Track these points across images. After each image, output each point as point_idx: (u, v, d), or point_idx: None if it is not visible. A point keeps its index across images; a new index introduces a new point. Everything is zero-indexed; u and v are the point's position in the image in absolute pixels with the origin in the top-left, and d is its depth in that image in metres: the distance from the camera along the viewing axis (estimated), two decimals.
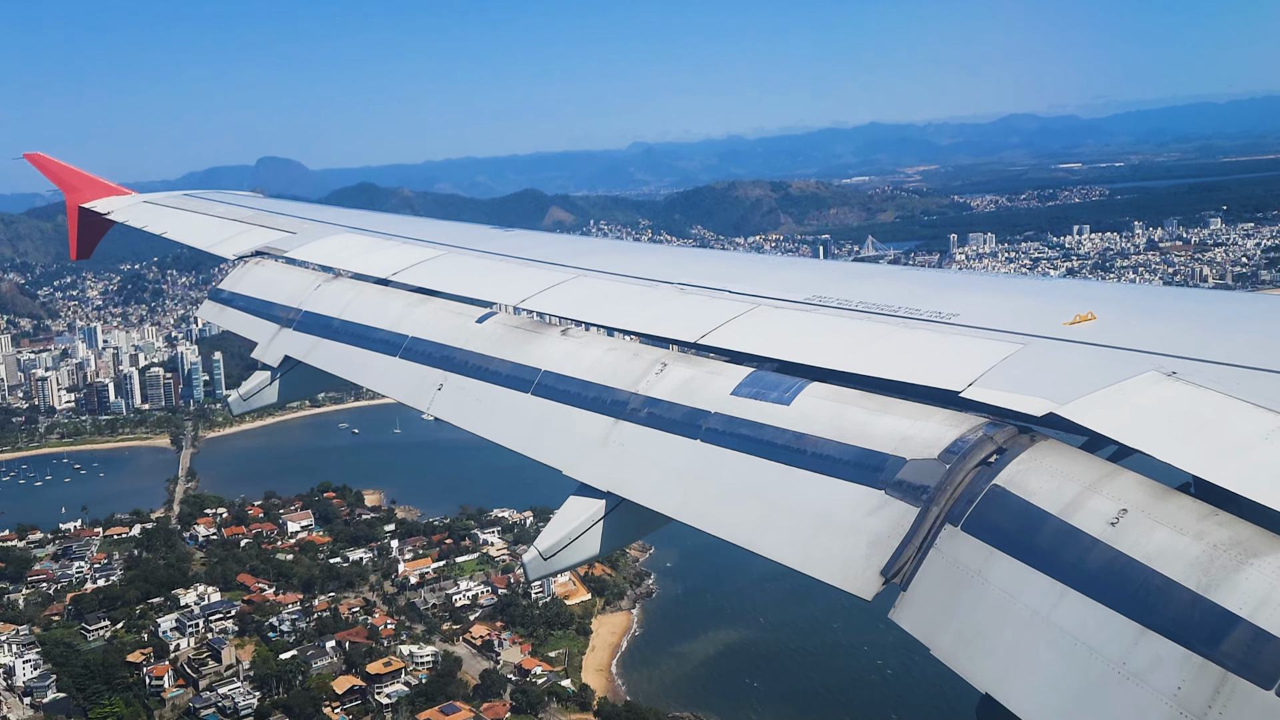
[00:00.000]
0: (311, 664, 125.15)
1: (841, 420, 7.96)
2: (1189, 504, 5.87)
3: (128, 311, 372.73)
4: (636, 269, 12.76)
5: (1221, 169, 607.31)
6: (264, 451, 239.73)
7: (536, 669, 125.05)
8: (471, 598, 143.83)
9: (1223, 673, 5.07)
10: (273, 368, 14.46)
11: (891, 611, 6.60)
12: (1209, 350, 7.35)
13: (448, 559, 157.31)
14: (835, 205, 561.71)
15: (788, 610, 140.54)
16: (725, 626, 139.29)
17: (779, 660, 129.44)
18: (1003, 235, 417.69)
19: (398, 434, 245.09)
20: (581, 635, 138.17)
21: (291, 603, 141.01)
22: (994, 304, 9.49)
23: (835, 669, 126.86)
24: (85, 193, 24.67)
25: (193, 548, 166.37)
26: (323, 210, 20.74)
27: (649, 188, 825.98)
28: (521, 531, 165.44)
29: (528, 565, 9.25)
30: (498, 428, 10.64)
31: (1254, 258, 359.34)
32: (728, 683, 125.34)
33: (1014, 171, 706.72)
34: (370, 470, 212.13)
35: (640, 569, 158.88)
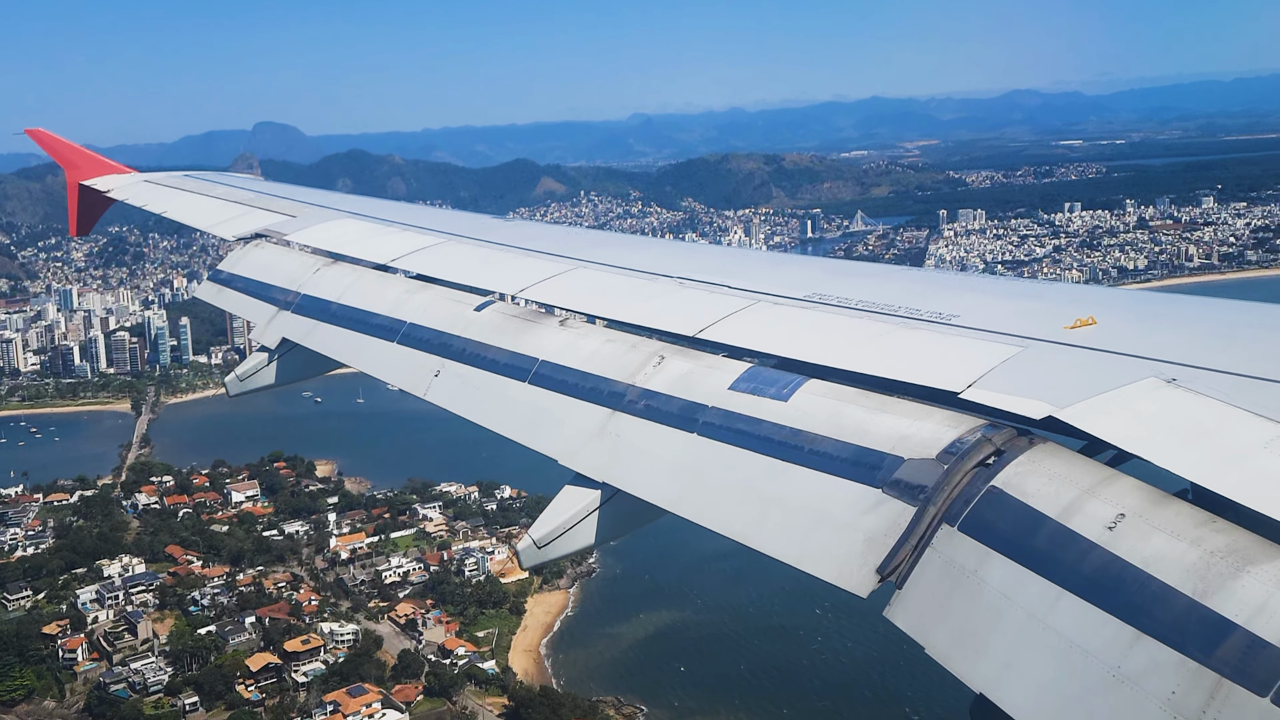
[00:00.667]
0: (229, 640, 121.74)
1: (839, 418, 7.94)
2: (1187, 510, 5.89)
3: (108, 274, 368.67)
4: (636, 262, 12.74)
5: (1221, 147, 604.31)
6: (224, 419, 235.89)
7: (459, 649, 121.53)
8: (402, 575, 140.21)
9: (1218, 679, 5.09)
10: (270, 349, 14.45)
11: (886, 609, 6.62)
12: (1210, 358, 7.34)
13: (383, 534, 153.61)
14: (829, 179, 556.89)
15: (729, 592, 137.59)
16: (662, 608, 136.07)
17: (711, 643, 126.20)
18: (996, 211, 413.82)
19: (360, 404, 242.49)
20: (515, 615, 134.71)
21: (217, 576, 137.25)
22: (995, 306, 9.48)
23: (766, 653, 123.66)
24: (85, 170, 24.78)
25: (130, 517, 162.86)
26: (323, 195, 20.87)
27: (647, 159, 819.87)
28: (463, 507, 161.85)
29: (521, 554, 9.24)
30: (494, 416, 10.63)
31: (1242, 237, 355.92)
32: (656, 666, 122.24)
33: (1014, 148, 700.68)
34: (327, 440, 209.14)
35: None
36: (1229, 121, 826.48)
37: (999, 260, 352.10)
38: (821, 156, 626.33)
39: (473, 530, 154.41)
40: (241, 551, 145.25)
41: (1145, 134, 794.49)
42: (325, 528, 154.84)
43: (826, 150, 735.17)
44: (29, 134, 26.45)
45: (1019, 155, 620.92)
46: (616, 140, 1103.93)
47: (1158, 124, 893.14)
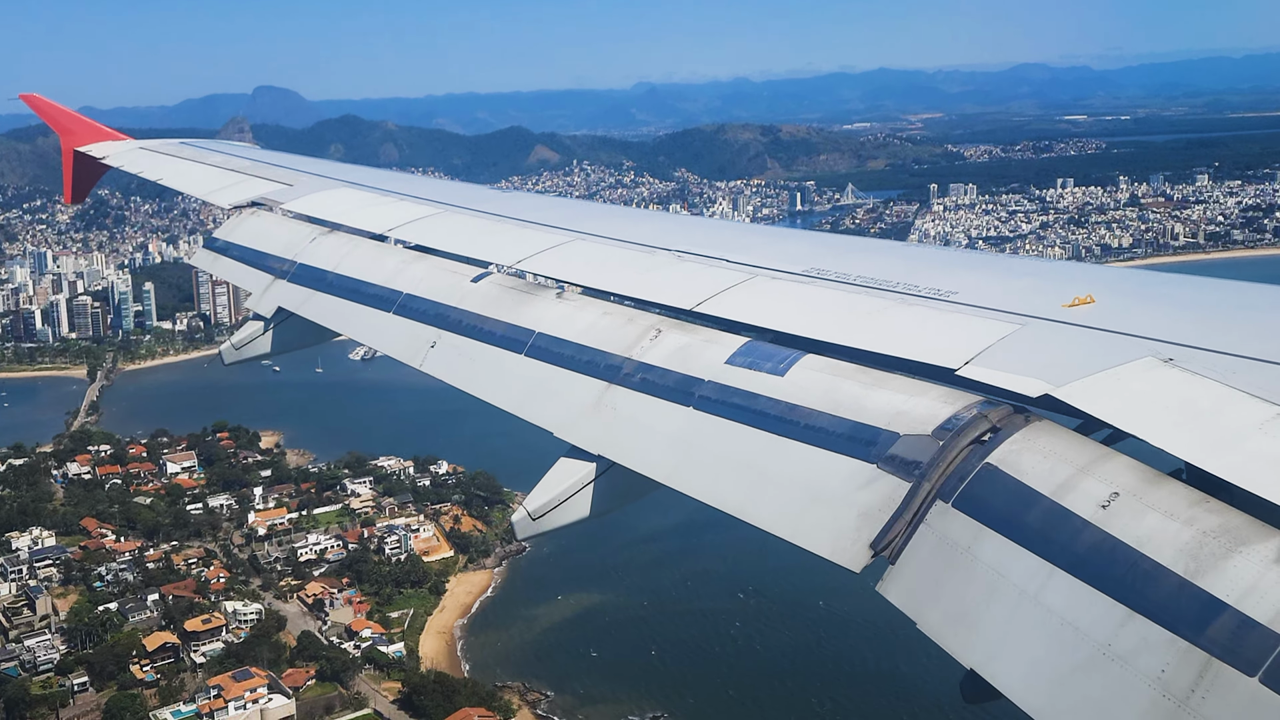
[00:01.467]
0: (129, 617, 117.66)
1: (835, 393, 7.98)
2: (1181, 490, 5.92)
3: (88, 238, 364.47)
4: (634, 235, 12.67)
5: (1226, 124, 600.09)
6: (178, 386, 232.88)
7: (365, 631, 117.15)
8: (319, 552, 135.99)
9: (1207, 658, 5.15)
10: (266, 318, 14.44)
11: (879, 585, 6.66)
12: (1207, 338, 7.35)
13: (306, 510, 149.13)
14: (826, 151, 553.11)
15: (656, 574, 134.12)
16: (585, 589, 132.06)
17: (627, 627, 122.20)
18: (989, 186, 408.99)
19: (319, 373, 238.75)
20: (434, 595, 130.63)
21: (128, 551, 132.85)
22: (993, 284, 9.46)
23: (681, 637, 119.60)
24: (81, 136, 24.48)
25: (59, 487, 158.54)
26: (319, 163, 20.83)
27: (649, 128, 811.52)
28: (394, 482, 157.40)
29: (516, 525, 9.33)
30: (490, 388, 10.68)
31: (1231, 216, 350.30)
32: (568, 650, 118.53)
33: (1017, 122, 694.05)
34: (279, 410, 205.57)
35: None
36: (1237, 98, 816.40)
37: (983, 236, 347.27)
38: (818, 128, 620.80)
39: (400, 507, 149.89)
40: (158, 525, 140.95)
41: (1151, 110, 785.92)
42: (251, 502, 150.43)
43: (831, 122, 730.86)
44: (24, 99, 26.32)
45: (1021, 130, 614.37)
46: (619, 109, 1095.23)
47: (1164, 100, 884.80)
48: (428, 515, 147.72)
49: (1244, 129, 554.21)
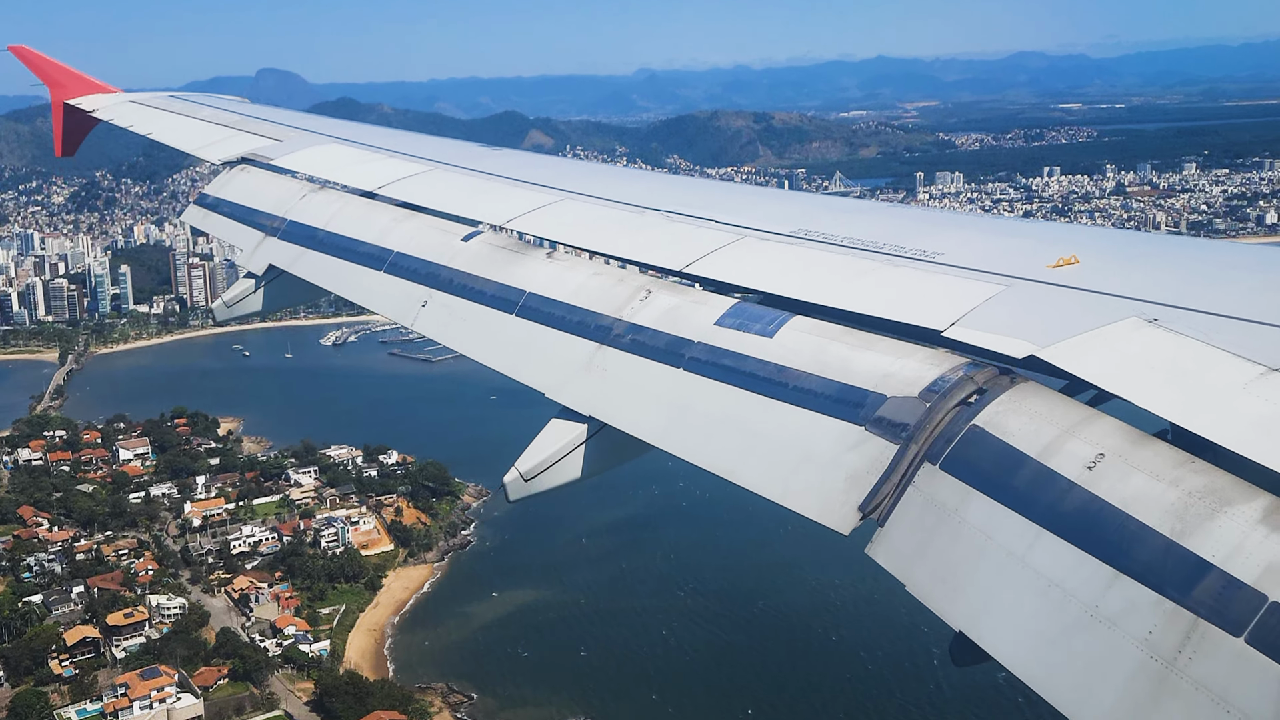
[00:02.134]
0: (52, 610, 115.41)
1: (823, 355, 8.03)
2: (1166, 451, 5.95)
3: (79, 220, 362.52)
4: (625, 195, 12.71)
5: (1220, 113, 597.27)
6: (147, 371, 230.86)
7: (289, 628, 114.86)
8: (252, 544, 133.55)
9: (1193, 618, 5.19)
10: (257, 276, 14.41)
11: (868, 547, 6.70)
12: (1191, 298, 7.34)
13: (247, 499, 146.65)
14: (818, 139, 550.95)
15: (601, 570, 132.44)
16: (527, 586, 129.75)
17: (560, 627, 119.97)
18: (976, 175, 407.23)
19: (289, 358, 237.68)
20: (370, 590, 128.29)
21: (61, 541, 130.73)
22: (979, 244, 9.46)
23: (613, 637, 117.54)
24: (70, 89, 24.32)
25: (6, 473, 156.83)
26: (310, 119, 20.64)
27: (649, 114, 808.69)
28: (339, 472, 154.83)
29: (508, 486, 9.27)
30: (481, 348, 10.77)
31: (1215, 205, 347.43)
32: (498, 649, 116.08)
33: (1012, 110, 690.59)
34: (245, 396, 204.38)
35: (468, 516, 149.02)
36: (1233, 86, 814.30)
37: None
38: (811, 116, 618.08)
39: (342, 498, 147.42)
40: (94, 515, 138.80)
41: (1146, 98, 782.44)
42: (192, 492, 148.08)
43: (828, 109, 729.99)
44: (12, 50, 25.66)
45: (1015, 118, 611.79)
46: (620, 95, 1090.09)
47: (1161, 88, 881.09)
48: (370, 507, 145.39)
49: (1237, 117, 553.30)
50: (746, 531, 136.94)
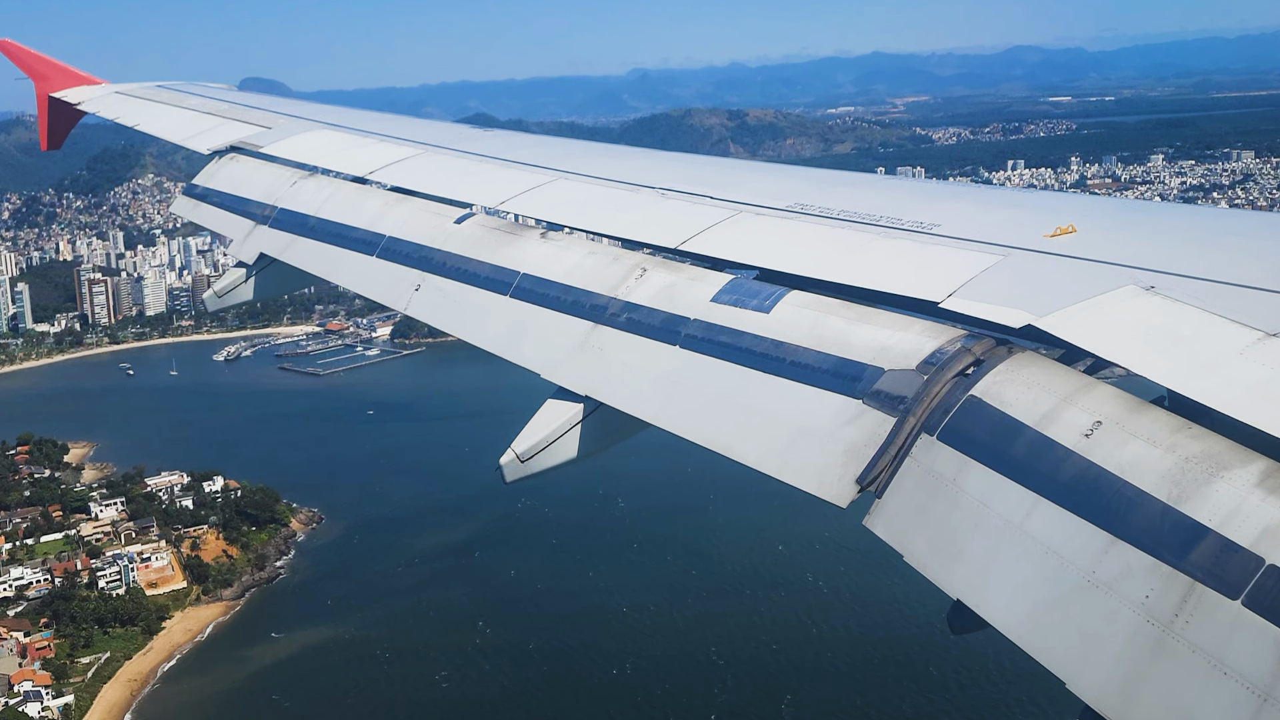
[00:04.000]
0: None
1: (820, 329, 8.03)
2: (1163, 417, 6.00)
3: (18, 236, 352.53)
4: (617, 173, 12.66)
5: (1206, 104, 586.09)
6: (31, 392, 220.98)
7: (25, 684, 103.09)
8: (19, 588, 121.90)
9: (1190, 582, 5.25)
10: (248, 265, 14.38)
11: (866, 519, 6.76)
12: (1188, 266, 7.36)
13: (35, 535, 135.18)
14: (792, 135, 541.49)
15: (406, 603, 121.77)
16: (321, 623, 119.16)
17: (340, 671, 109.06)
18: (944, 169, 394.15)
19: (174, 376, 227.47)
20: (146, 634, 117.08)
21: None
22: (975, 215, 9.43)
23: (387, 681, 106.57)
24: (56, 82, 24.22)
25: None
26: (298, 105, 20.61)
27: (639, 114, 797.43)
28: (146, 505, 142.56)
29: (505, 468, 9.20)
30: (476, 330, 10.77)
31: (1170, 197, 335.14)
32: (261, 700, 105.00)
33: (1001, 104, 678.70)
34: (105, 418, 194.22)
35: (288, 545, 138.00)
36: (1227, 78, 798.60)
37: None
38: (787, 112, 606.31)
39: (140, 531, 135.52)
40: None
41: (1138, 91, 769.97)
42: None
43: (820, 105, 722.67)
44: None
45: (1000, 111, 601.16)
46: (611, 96, 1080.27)
47: (1154, 80, 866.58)
48: (171, 541, 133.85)
49: (1221, 109, 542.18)
50: (577, 554, 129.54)
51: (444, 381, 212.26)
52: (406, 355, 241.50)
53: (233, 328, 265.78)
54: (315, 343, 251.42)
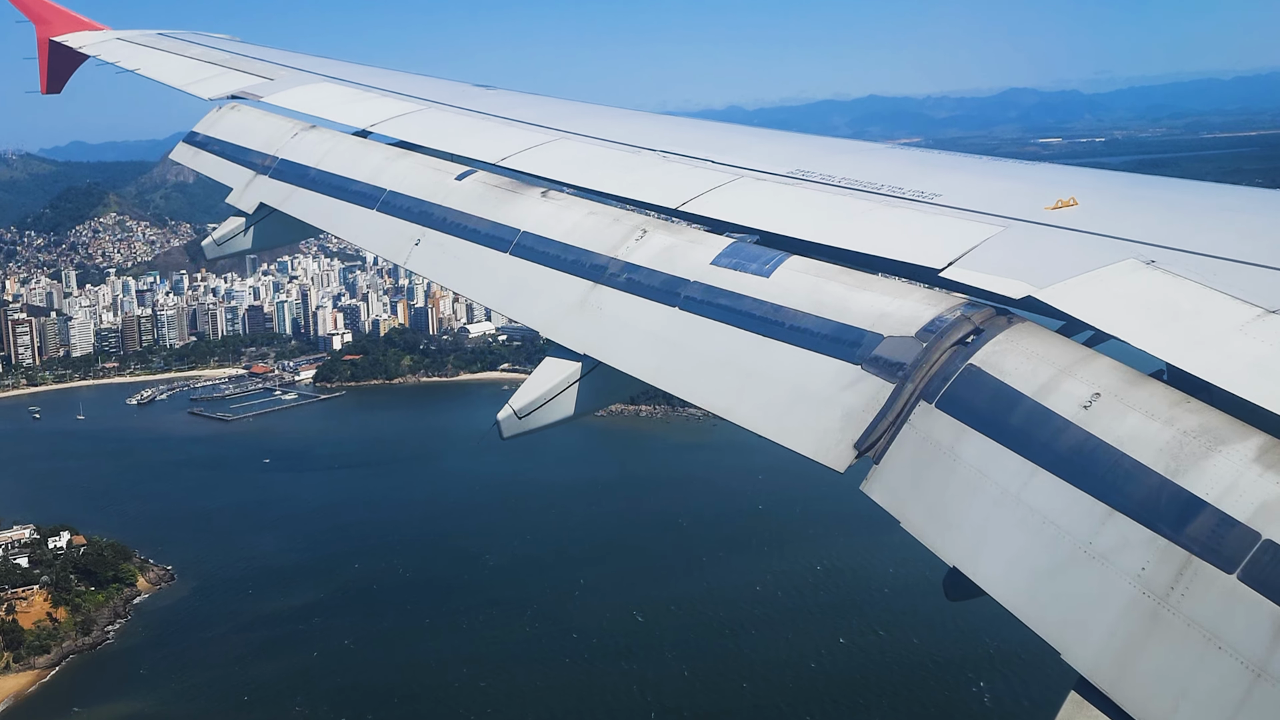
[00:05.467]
0: None
1: (820, 294, 8.00)
2: (1161, 391, 5.98)
3: None
4: (620, 134, 12.63)
5: (1194, 145, 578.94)
6: None
7: None
8: None
9: (1186, 555, 5.24)
10: (247, 214, 14.42)
11: (863, 484, 6.74)
12: (1189, 240, 7.38)
13: None
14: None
15: (229, 671, 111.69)
16: (130, 697, 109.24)
17: None
18: None
19: (80, 420, 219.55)
20: None
21: None
22: (977, 186, 9.41)
23: None
24: (57, 26, 24.01)
25: None
26: (301, 58, 19.99)
27: None
28: None
29: (502, 424, 9.26)
30: (475, 286, 10.88)
31: None
32: None
33: (991, 144, 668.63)
34: (8, 466, 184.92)
35: (128, 608, 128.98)
36: (1221, 119, 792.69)
37: None
38: None
39: None
40: None
41: (1129, 132, 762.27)
42: None
43: None
44: None
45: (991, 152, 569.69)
46: None
47: (1148, 122, 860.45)
48: None
49: (1210, 149, 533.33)
50: (427, 617, 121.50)
51: (351, 428, 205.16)
52: (324, 400, 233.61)
53: (157, 370, 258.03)
54: (235, 386, 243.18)
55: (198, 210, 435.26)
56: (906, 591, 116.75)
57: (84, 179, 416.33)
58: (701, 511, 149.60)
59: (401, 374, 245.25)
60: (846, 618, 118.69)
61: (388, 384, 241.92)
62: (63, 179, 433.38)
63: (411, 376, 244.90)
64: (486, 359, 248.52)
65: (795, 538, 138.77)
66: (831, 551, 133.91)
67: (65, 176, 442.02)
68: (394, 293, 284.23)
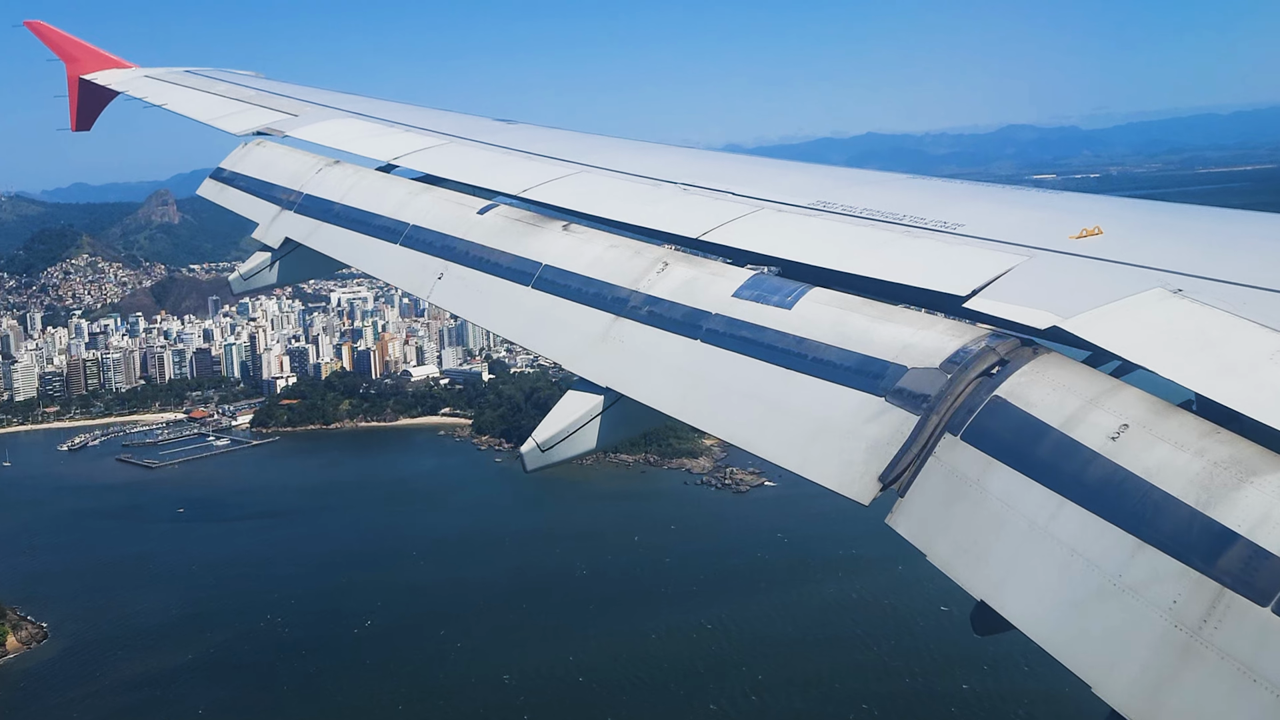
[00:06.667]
0: None
1: (843, 326, 8.01)
2: (1190, 421, 5.91)
3: None
4: (640, 167, 12.68)
5: (1188, 180, 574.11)
6: None
7: None
8: None
9: (1219, 588, 5.17)
10: (273, 249, 14.58)
11: (889, 517, 6.66)
12: (1216, 268, 7.32)
13: None
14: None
15: None
16: None
17: None
18: None
19: (6, 467, 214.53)
20: None
21: None
22: (1000, 215, 9.38)
23: None
24: (86, 64, 24.64)
25: None
26: (324, 94, 20.32)
27: None
28: None
29: (525, 457, 9.34)
30: (498, 319, 10.88)
31: None
32: None
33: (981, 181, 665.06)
34: None
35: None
36: (1218, 154, 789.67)
37: None
38: None
39: None
40: None
41: (1125, 168, 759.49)
42: None
43: None
44: (28, 25, 25.90)
45: None
46: None
47: (1144, 157, 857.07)
48: None
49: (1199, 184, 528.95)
50: (288, 684, 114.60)
51: (275, 476, 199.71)
52: (257, 445, 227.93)
53: (98, 414, 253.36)
54: (170, 431, 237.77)
55: (181, 251, 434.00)
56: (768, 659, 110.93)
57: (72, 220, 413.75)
58: (605, 565, 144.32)
59: (339, 419, 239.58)
60: (720, 681, 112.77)
61: (325, 429, 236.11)
62: (50, 220, 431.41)
63: (349, 421, 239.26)
64: (427, 403, 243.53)
65: (692, 595, 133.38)
66: (725, 610, 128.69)
67: (53, 218, 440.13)
68: (352, 335, 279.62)
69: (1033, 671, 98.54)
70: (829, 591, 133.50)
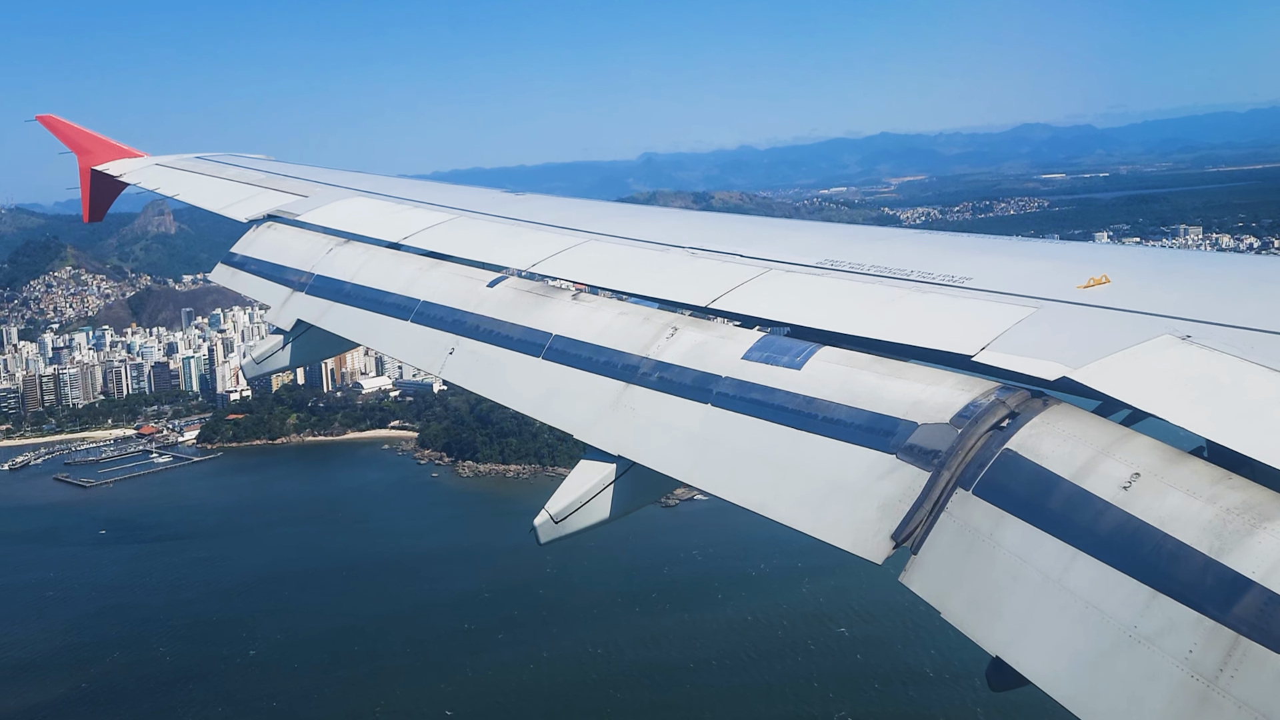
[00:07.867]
0: None
1: (853, 385, 8.04)
2: (1202, 468, 5.89)
3: None
4: (648, 234, 12.74)
5: (1197, 178, 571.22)
6: None
7: None
8: None
9: (1235, 636, 5.14)
10: (285, 331, 14.46)
11: (902, 575, 6.65)
12: (1224, 314, 7.37)
13: None
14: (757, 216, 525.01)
15: None
16: None
17: None
18: None
19: None
20: None
21: None
22: (1007, 267, 9.38)
23: None
24: (98, 155, 24.73)
25: None
26: (334, 174, 20.44)
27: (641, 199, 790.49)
28: None
29: (539, 529, 9.16)
30: (509, 391, 10.80)
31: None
32: None
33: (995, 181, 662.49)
34: None
35: None
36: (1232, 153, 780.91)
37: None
38: (752, 194, 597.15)
39: None
40: None
41: (1136, 167, 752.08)
42: None
43: (821, 186, 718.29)
44: (40, 120, 26.12)
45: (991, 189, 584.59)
46: (616, 179, 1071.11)
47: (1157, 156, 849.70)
48: None
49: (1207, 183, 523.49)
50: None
51: (209, 494, 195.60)
52: (199, 462, 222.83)
53: (49, 432, 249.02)
54: (117, 448, 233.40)
55: (177, 261, 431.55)
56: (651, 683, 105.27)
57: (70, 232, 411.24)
58: (513, 584, 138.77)
59: (286, 433, 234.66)
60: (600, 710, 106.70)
61: (270, 444, 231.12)
62: (48, 232, 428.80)
63: (296, 436, 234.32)
64: (376, 416, 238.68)
65: (594, 618, 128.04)
66: (622, 633, 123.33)
67: (50, 229, 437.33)
68: None
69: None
70: (729, 612, 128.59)
